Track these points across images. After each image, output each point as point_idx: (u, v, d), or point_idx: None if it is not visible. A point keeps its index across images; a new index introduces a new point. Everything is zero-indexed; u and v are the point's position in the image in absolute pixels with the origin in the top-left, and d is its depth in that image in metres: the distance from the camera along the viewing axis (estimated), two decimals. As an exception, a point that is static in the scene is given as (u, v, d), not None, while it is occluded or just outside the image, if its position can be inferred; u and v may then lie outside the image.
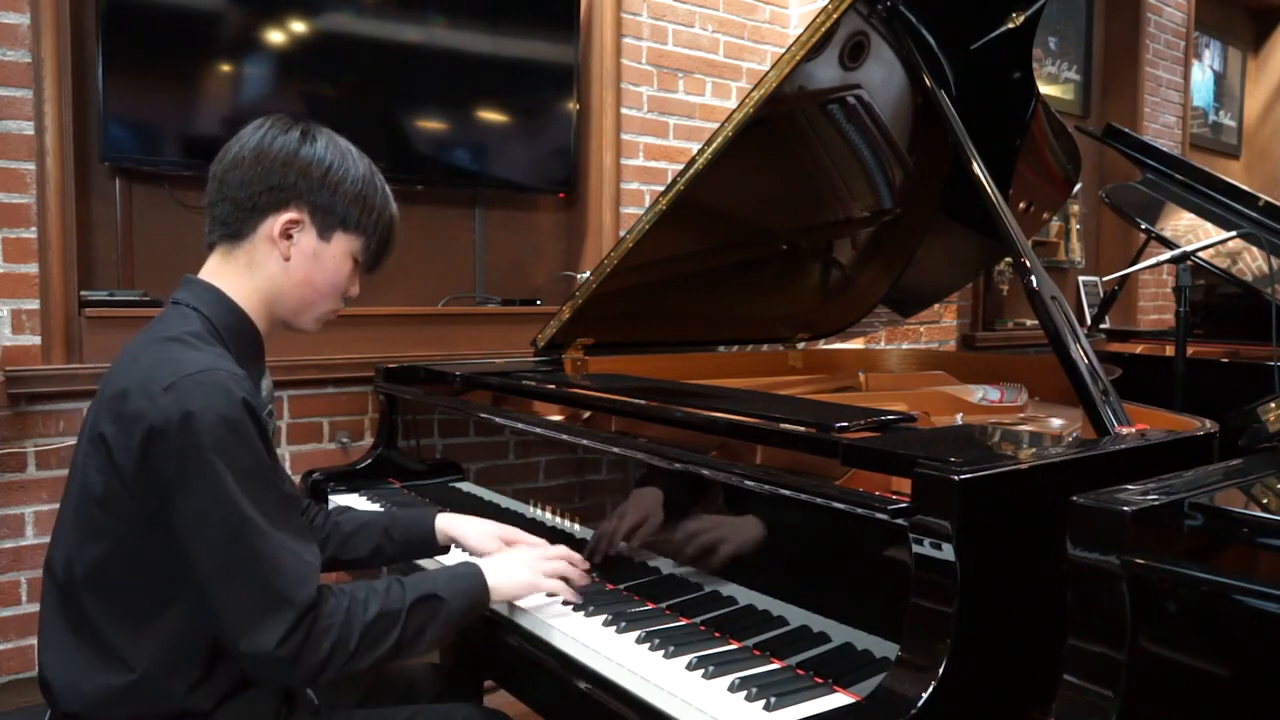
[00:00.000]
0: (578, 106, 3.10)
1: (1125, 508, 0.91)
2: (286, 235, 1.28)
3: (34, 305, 2.28)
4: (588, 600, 1.39)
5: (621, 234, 2.51)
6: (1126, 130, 3.27)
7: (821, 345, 2.74)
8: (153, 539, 1.15)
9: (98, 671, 1.17)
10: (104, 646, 1.17)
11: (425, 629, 1.22)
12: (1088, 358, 1.44)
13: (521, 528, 1.71)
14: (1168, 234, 2.93)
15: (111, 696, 1.17)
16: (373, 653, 1.17)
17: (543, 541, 1.50)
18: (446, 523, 1.55)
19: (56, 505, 2.28)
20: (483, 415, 1.88)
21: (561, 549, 1.42)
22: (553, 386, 1.84)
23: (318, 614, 1.12)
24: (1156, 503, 0.94)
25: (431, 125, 2.87)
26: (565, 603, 1.37)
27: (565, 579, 1.37)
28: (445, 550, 1.56)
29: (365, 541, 1.54)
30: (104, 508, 1.15)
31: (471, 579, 1.30)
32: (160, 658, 1.17)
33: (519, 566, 1.35)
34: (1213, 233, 2.85)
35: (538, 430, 1.70)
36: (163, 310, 1.29)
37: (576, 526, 1.60)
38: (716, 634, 1.27)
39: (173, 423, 1.09)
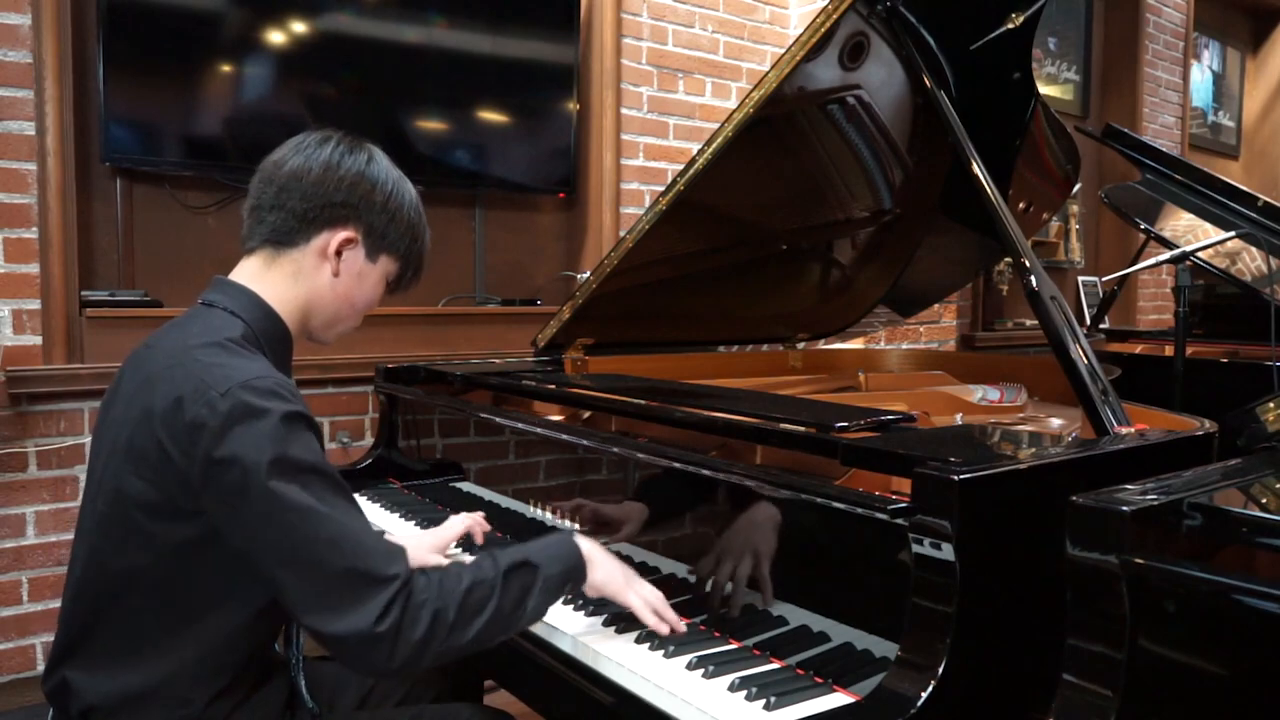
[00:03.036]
0: (578, 107, 3.11)
1: (1124, 507, 0.91)
2: (339, 252, 1.29)
3: (35, 305, 2.29)
4: (588, 600, 1.39)
5: (621, 234, 2.51)
6: (1126, 130, 3.27)
7: (821, 345, 2.74)
8: (212, 545, 1.14)
9: (125, 670, 1.17)
10: (137, 647, 1.17)
11: (526, 598, 1.19)
12: (1087, 358, 1.45)
13: (521, 527, 1.72)
14: (1167, 234, 2.93)
15: (134, 697, 1.16)
16: (474, 624, 1.14)
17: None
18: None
19: (58, 505, 2.31)
20: (483, 415, 1.89)
21: (658, 592, 1.32)
22: (553, 386, 1.84)
23: (411, 589, 1.11)
24: (1155, 503, 0.94)
25: (432, 125, 2.87)
26: (640, 635, 1.29)
27: (656, 614, 1.27)
28: None
29: None
30: (157, 516, 1.14)
31: (566, 545, 1.27)
32: (193, 661, 1.17)
33: (618, 566, 1.30)
34: (1212, 233, 2.85)
35: (538, 430, 1.70)
36: (192, 310, 1.28)
37: (576, 527, 1.60)
38: (716, 634, 1.27)
39: (235, 430, 1.09)
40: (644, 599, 1.27)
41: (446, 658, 1.14)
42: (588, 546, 1.28)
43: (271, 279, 1.29)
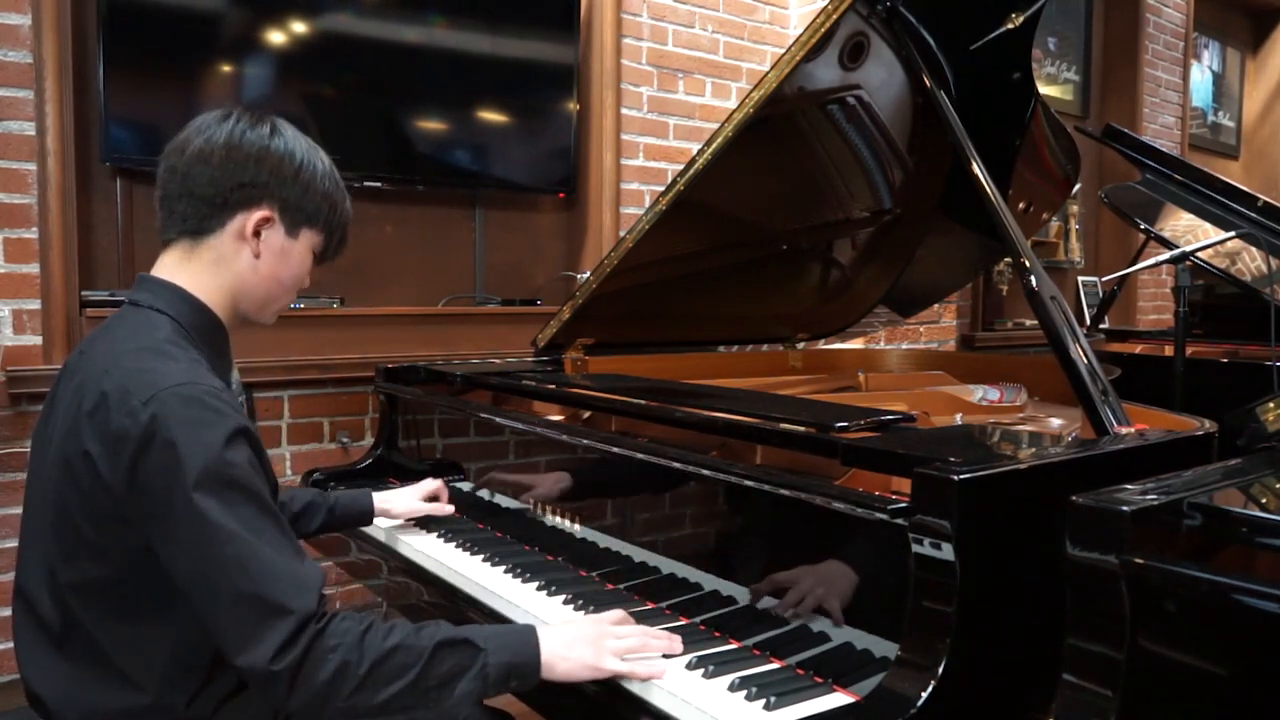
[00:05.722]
0: (578, 107, 3.11)
1: (1124, 507, 0.91)
2: (257, 233, 1.24)
3: (35, 305, 2.29)
4: (587, 600, 1.39)
5: (621, 234, 2.51)
6: (1126, 130, 3.27)
7: (821, 345, 2.74)
8: (155, 554, 1.11)
9: (97, 685, 1.14)
10: (104, 661, 1.14)
11: (456, 680, 1.08)
12: (1087, 358, 1.45)
13: (521, 527, 1.72)
14: (1167, 234, 2.93)
15: (112, 710, 1.14)
16: (385, 688, 1.05)
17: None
18: (380, 498, 1.76)
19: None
20: (483, 415, 1.89)
21: (639, 628, 1.22)
22: (553, 386, 1.84)
23: (324, 630, 1.04)
24: (1155, 502, 0.94)
25: (432, 125, 2.87)
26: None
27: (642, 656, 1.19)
28: (371, 520, 1.77)
29: (312, 519, 1.68)
30: (99, 527, 1.11)
31: (521, 635, 1.16)
32: (163, 668, 1.15)
33: (583, 642, 1.16)
34: (1212, 233, 2.85)
35: (538, 430, 1.71)
36: (121, 311, 1.23)
37: (577, 526, 1.60)
38: (716, 634, 1.27)
39: (156, 438, 1.05)
40: (631, 652, 1.17)
41: (352, 715, 1.04)
42: (548, 634, 1.16)
43: (193, 270, 1.24)
